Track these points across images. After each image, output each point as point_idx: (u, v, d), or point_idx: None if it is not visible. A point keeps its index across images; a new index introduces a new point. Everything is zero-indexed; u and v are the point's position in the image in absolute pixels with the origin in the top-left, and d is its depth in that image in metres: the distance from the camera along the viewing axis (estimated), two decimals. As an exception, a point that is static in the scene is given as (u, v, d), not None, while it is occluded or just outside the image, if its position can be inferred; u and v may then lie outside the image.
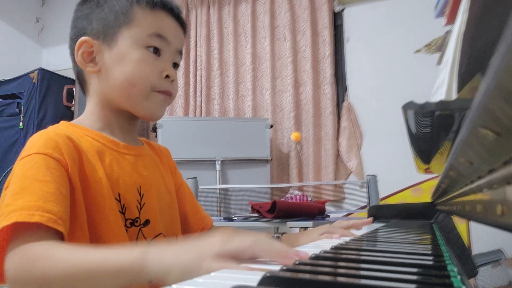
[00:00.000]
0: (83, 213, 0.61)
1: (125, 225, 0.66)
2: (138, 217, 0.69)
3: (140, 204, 0.70)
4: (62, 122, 0.71)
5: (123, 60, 0.69)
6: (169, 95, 0.73)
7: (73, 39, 0.72)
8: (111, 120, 0.73)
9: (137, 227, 0.68)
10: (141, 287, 0.59)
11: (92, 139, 0.68)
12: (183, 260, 0.43)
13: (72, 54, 0.74)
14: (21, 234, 0.52)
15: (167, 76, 0.71)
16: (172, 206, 0.79)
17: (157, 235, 0.71)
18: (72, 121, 0.73)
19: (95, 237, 0.62)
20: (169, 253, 0.45)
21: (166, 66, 0.72)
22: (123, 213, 0.67)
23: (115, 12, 0.70)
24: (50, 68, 3.39)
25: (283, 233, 0.90)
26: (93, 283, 0.47)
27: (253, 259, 0.43)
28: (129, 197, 0.68)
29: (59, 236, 0.54)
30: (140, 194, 0.70)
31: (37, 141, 0.61)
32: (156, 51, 0.71)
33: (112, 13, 0.70)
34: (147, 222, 0.70)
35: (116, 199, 0.66)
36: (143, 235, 0.69)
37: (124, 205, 0.67)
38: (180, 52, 0.76)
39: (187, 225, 0.84)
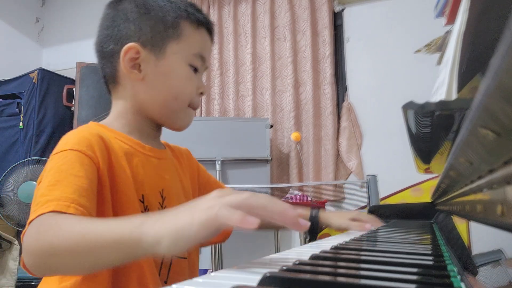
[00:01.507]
0: (110, 211, 0.63)
1: None
2: None
3: (162, 207, 0.71)
4: (92, 123, 0.72)
5: (170, 74, 0.71)
6: (196, 109, 0.77)
7: (114, 40, 0.70)
8: (141, 126, 0.74)
9: None
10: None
11: (121, 141, 0.69)
12: (175, 224, 0.41)
13: (101, 50, 0.72)
14: None
15: (201, 93, 0.75)
16: None
17: None
18: (100, 122, 0.73)
19: None
20: (162, 221, 0.43)
21: (201, 83, 0.75)
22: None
23: (164, 23, 0.70)
24: (50, 68, 3.39)
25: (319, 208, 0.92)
26: (94, 254, 0.47)
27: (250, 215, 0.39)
28: (152, 199, 0.69)
29: None
30: (162, 197, 0.72)
31: (71, 139, 0.62)
32: (195, 69, 0.73)
33: (161, 24, 0.70)
34: None
35: (140, 200, 0.67)
36: None
37: (147, 206, 0.68)
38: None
39: None
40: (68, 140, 0.62)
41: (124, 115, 0.73)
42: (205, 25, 0.74)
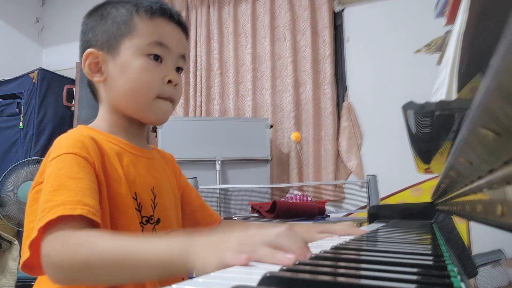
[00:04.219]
0: (106, 209, 0.65)
1: (141, 222, 0.70)
2: (152, 215, 0.73)
3: (154, 203, 0.74)
4: (81, 126, 0.74)
5: (126, 70, 0.72)
6: (172, 101, 0.75)
7: (81, 52, 0.75)
8: (123, 126, 0.76)
9: (152, 224, 0.72)
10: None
11: (110, 142, 0.72)
12: (211, 253, 0.44)
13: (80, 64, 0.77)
14: (61, 224, 0.54)
15: (169, 81, 0.74)
16: (177, 208, 0.82)
17: (169, 232, 0.75)
18: (89, 125, 0.76)
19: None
20: (202, 247, 0.45)
21: (168, 71, 0.74)
22: (139, 211, 0.70)
23: (117, 23, 0.73)
24: (50, 68, 3.39)
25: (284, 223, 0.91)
26: (134, 272, 0.50)
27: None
28: (144, 197, 0.72)
29: (96, 227, 0.57)
30: (153, 194, 0.74)
31: (65, 142, 0.65)
32: (157, 58, 0.73)
33: (115, 24, 0.73)
34: (159, 220, 0.74)
35: (133, 197, 0.70)
36: (156, 232, 0.73)
37: (140, 203, 0.71)
38: (183, 57, 0.78)
39: (196, 222, 0.89)
40: (62, 144, 0.64)
41: (107, 117, 0.76)
42: (159, 13, 0.73)
